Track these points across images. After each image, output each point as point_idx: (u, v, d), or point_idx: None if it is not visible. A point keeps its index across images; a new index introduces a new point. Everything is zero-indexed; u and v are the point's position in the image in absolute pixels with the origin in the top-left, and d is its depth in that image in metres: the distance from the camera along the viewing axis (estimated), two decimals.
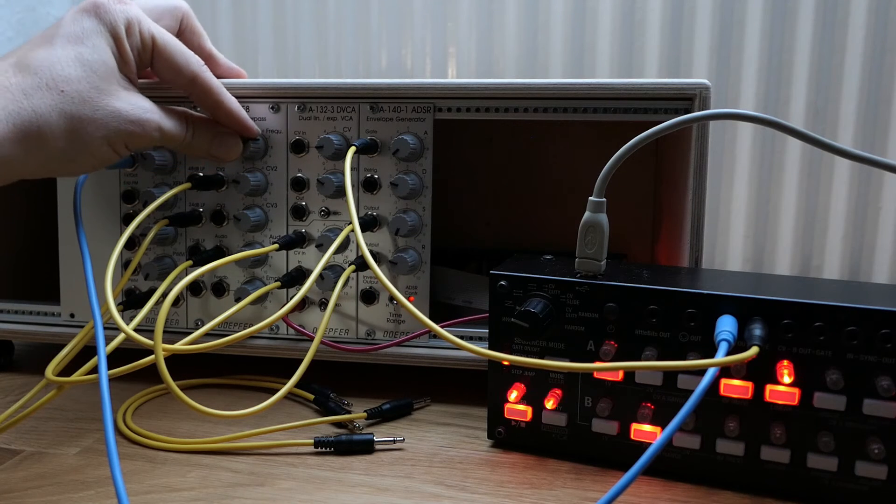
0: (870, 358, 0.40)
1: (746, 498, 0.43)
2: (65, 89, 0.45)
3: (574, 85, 0.52)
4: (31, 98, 0.44)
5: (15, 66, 0.45)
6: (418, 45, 0.91)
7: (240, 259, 0.54)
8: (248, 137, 0.55)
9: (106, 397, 0.40)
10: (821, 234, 0.86)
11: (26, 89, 0.44)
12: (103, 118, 0.46)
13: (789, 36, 0.83)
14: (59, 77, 0.45)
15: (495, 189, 0.75)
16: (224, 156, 0.54)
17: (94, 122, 0.46)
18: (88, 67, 0.46)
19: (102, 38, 0.48)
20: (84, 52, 0.46)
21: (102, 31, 0.48)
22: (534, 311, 0.45)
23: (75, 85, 0.45)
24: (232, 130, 0.54)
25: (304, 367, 0.49)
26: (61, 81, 0.45)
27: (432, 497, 0.43)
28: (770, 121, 0.43)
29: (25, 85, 0.44)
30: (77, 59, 0.46)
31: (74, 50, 0.46)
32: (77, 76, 0.46)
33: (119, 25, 0.48)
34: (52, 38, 0.47)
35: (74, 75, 0.46)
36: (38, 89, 0.44)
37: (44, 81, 0.45)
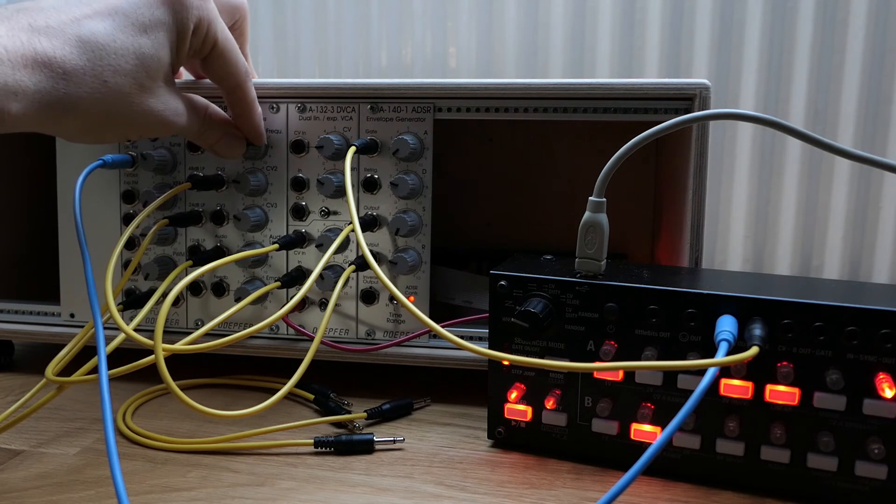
0: (870, 358, 0.40)
1: (746, 498, 0.43)
2: (109, 81, 0.42)
3: (574, 85, 0.52)
4: (71, 82, 0.41)
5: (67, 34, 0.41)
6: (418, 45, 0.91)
7: (240, 259, 0.54)
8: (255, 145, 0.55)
9: (106, 397, 0.40)
10: (821, 234, 0.86)
11: (69, 72, 0.40)
12: (136, 116, 0.44)
13: (789, 36, 0.83)
14: (109, 68, 0.42)
15: (495, 189, 0.75)
16: (225, 154, 0.54)
17: (126, 117, 0.44)
18: (141, 63, 0.43)
19: (168, 33, 0.45)
20: (144, 46, 0.43)
21: (171, 27, 0.45)
22: (534, 311, 0.45)
23: (121, 79, 0.43)
24: (242, 135, 0.54)
25: (304, 367, 0.49)
26: (109, 73, 0.42)
27: (432, 497, 0.43)
28: (770, 121, 0.43)
29: (70, 66, 0.40)
30: (135, 52, 0.43)
31: (136, 40, 0.43)
32: (127, 70, 0.43)
33: (190, 24, 0.45)
34: (117, 12, 0.43)
35: (124, 68, 0.43)
36: (83, 75, 0.41)
37: (90, 67, 0.41)
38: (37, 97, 0.39)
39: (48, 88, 0.40)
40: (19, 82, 0.38)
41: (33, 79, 0.39)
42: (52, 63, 0.40)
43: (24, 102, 0.39)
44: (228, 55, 0.49)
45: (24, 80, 0.39)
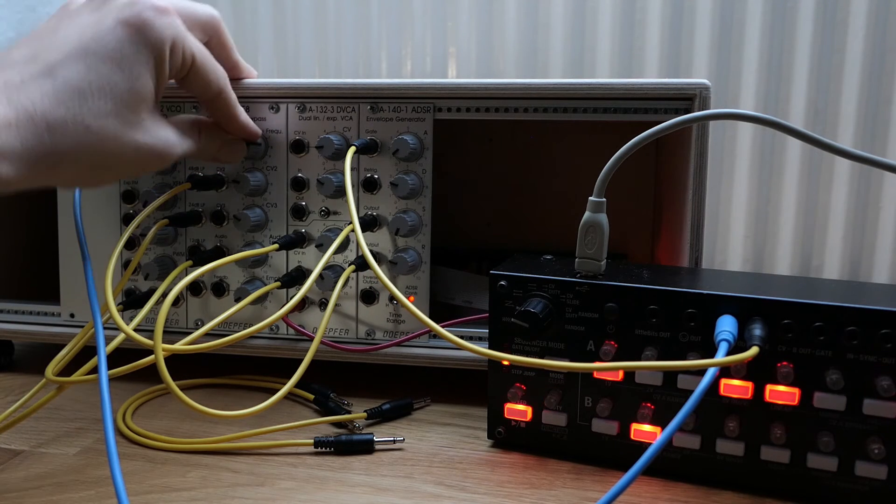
0: (870, 358, 0.40)
1: (746, 498, 0.43)
2: (91, 125, 0.41)
3: (574, 85, 0.52)
4: (56, 134, 0.39)
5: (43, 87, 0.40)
6: (418, 45, 0.91)
7: (240, 259, 0.54)
8: (251, 142, 0.55)
9: (106, 397, 0.40)
10: (821, 234, 0.86)
11: (51, 124, 0.39)
12: (128, 154, 0.43)
13: (789, 36, 0.83)
14: (89, 112, 0.40)
15: (495, 189, 0.75)
16: (229, 160, 0.54)
17: (118, 158, 0.43)
18: (120, 99, 0.42)
19: (143, 64, 0.43)
20: (120, 82, 0.42)
21: (145, 56, 0.43)
22: (534, 311, 0.45)
23: (102, 120, 0.41)
24: (237, 137, 0.54)
25: (304, 367, 0.49)
26: (89, 116, 0.41)
27: (432, 497, 0.43)
28: (770, 121, 0.43)
29: (52, 118, 0.39)
30: (112, 90, 0.41)
31: (111, 78, 0.41)
32: (107, 110, 0.41)
33: (165, 48, 0.44)
34: (86, 53, 0.41)
35: (104, 109, 0.41)
36: (66, 125, 0.40)
37: (71, 115, 0.40)
38: (25, 155, 0.38)
39: (35, 145, 0.39)
40: (5, 144, 0.37)
41: (19, 137, 0.38)
42: (34, 118, 0.39)
43: (14, 163, 0.38)
44: (206, 67, 0.48)
45: (11, 140, 0.38)
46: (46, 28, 0.43)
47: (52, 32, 0.42)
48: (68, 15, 0.44)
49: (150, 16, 0.43)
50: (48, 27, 0.43)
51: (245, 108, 0.56)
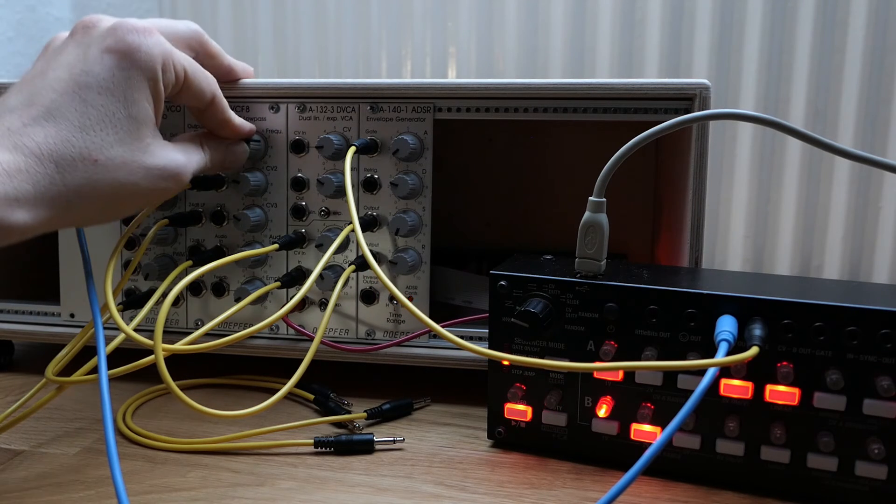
0: (870, 358, 0.40)
1: (746, 498, 0.43)
2: (99, 158, 0.40)
3: (574, 85, 0.52)
4: (65, 172, 0.39)
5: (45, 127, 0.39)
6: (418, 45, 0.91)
7: (240, 259, 0.54)
8: (249, 139, 0.55)
9: (106, 397, 0.40)
10: (821, 234, 0.86)
11: (59, 162, 0.39)
12: (140, 182, 0.43)
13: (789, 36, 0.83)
14: (94, 145, 0.40)
15: (495, 189, 0.75)
16: (236, 165, 0.54)
17: (131, 187, 0.42)
18: (122, 127, 0.42)
19: (138, 89, 0.43)
20: (118, 111, 0.42)
21: (137, 81, 0.43)
22: (534, 311, 0.45)
23: (108, 151, 0.41)
24: (235, 139, 0.54)
25: (304, 367, 0.49)
26: (95, 150, 0.40)
27: (432, 497, 0.43)
28: (770, 121, 0.43)
29: (58, 156, 0.39)
30: (111, 119, 0.41)
31: (108, 108, 0.41)
32: (111, 140, 0.41)
33: (156, 69, 0.43)
34: (80, 87, 0.41)
35: (108, 140, 0.41)
36: (73, 161, 0.40)
37: (77, 151, 0.40)
38: (39, 199, 0.38)
39: (47, 187, 0.39)
40: (18, 190, 0.37)
41: (30, 182, 0.38)
42: (43, 160, 0.39)
43: (30, 209, 0.38)
44: (198, 78, 0.48)
45: (24, 185, 0.38)
46: (36, 71, 0.43)
47: (42, 74, 0.42)
48: (54, 54, 0.44)
49: (134, 39, 0.43)
50: (37, 70, 0.43)
51: (245, 108, 0.56)
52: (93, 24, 0.44)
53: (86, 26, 0.44)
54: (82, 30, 0.44)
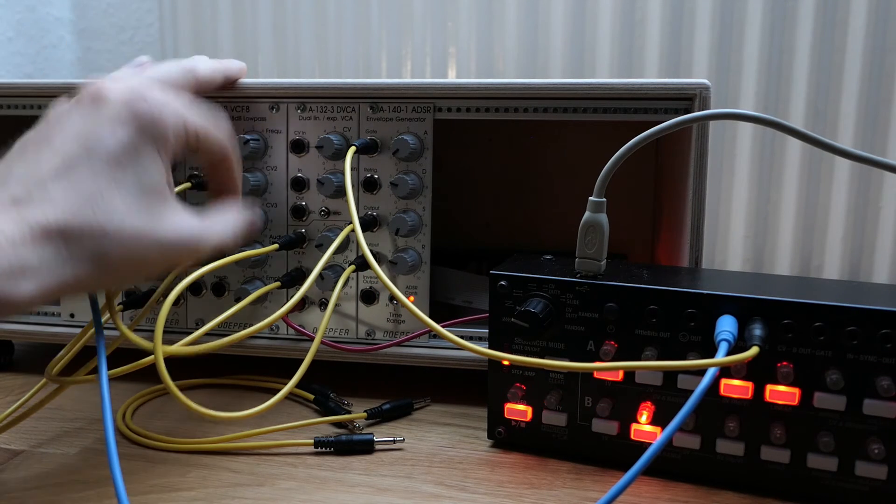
0: (870, 358, 0.40)
1: (746, 498, 0.43)
2: (108, 228, 0.38)
3: (574, 85, 0.52)
4: (72, 243, 0.37)
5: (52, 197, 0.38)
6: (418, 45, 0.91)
7: (240, 259, 0.54)
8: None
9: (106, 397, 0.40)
10: (821, 234, 0.86)
11: (66, 233, 0.37)
12: (151, 251, 0.41)
13: (789, 36, 0.83)
14: (103, 215, 0.38)
15: (495, 189, 0.75)
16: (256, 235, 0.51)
17: (141, 257, 0.40)
18: (134, 198, 0.40)
19: (151, 158, 0.41)
20: (130, 178, 0.40)
21: (151, 150, 0.41)
22: (534, 311, 0.45)
23: (119, 223, 0.39)
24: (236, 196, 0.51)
25: (304, 368, 0.49)
26: (104, 220, 0.38)
27: (432, 497, 0.43)
28: (770, 121, 0.43)
29: (65, 227, 0.37)
30: (123, 189, 0.40)
31: (117, 175, 0.40)
32: (122, 211, 0.39)
33: (168, 137, 0.42)
34: (90, 157, 0.39)
35: (119, 210, 0.39)
36: (80, 232, 0.38)
37: (86, 222, 0.38)
38: (46, 271, 0.37)
39: (53, 258, 0.37)
40: (24, 262, 0.36)
41: (37, 253, 0.37)
42: (50, 232, 0.37)
43: (34, 280, 0.36)
44: (210, 139, 0.46)
45: (30, 257, 0.36)
46: (40, 138, 0.42)
47: (47, 142, 0.41)
48: (59, 121, 0.42)
49: (147, 109, 0.41)
50: (42, 136, 0.42)
51: (245, 107, 0.56)
52: (102, 93, 0.42)
53: (95, 95, 0.42)
54: (91, 99, 0.42)
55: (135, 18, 1.03)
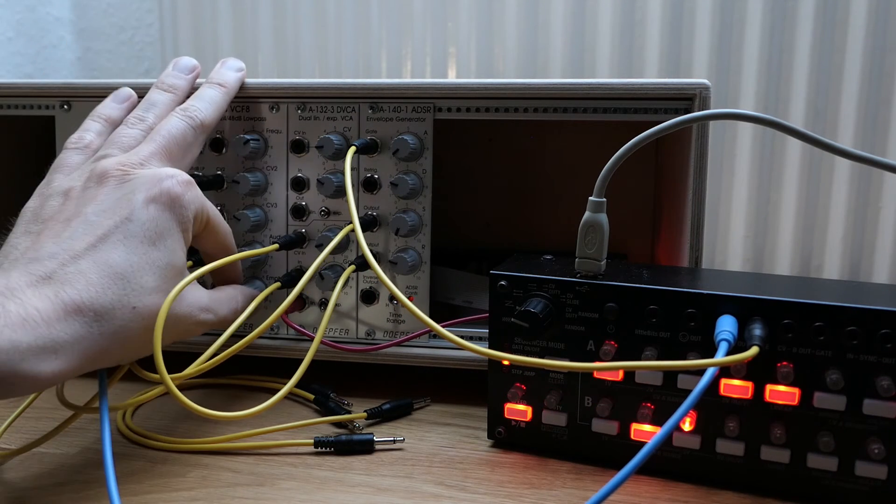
0: (870, 358, 0.40)
1: (746, 498, 0.43)
2: (137, 306, 0.41)
3: (574, 85, 0.52)
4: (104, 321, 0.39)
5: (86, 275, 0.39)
6: (418, 45, 0.91)
7: (240, 259, 0.54)
8: None
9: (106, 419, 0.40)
10: (821, 234, 0.86)
11: (99, 311, 0.39)
12: (170, 327, 0.43)
13: (789, 36, 0.83)
14: (134, 293, 0.41)
15: (495, 189, 0.75)
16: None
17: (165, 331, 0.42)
18: (161, 275, 0.42)
19: (177, 238, 0.44)
20: (159, 259, 0.42)
21: (176, 228, 0.44)
22: (534, 311, 0.45)
23: (146, 298, 0.41)
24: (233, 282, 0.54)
25: (304, 367, 0.49)
26: (134, 297, 0.41)
27: (432, 497, 0.43)
28: (770, 121, 0.43)
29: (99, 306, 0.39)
30: (151, 267, 0.42)
31: (150, 256, 0.42)
32: (151, 288, 0.42)
33: (191, 218, 0.45)
34: (124, 235, 0.41)
35: (148, 287, 0.41)
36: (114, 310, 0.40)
37: (117, 299, 0.40)
38: (76, 347, 0.38)
39: (83, 334, 0.39)
40: (56, 339, 0.37)
41: (69, 330, 0.38)
42: (83, 308, 0.39)
43: (65, 357, 0.38)
44: (221, 229, 0.49)
45: (61, 333, 0.37)
46: (67, 211, 0.43)
47: (77, 216, 0.42)
48: (84, 196, 0.44)
49: (180, 192, 0.44)
50: (70, 211, 0.43)
51: (245, 108, 0.56)
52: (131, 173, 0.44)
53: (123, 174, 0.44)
54: (121, 177, 0.44)
55: (135, 18, 1.03)
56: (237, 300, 0.51)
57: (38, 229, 0.43)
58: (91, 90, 0.58)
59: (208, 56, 0.95)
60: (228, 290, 0.51)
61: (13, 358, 0.35)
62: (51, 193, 0.46)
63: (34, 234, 0.43)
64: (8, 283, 0.38)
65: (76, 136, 0.50)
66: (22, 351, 0.36)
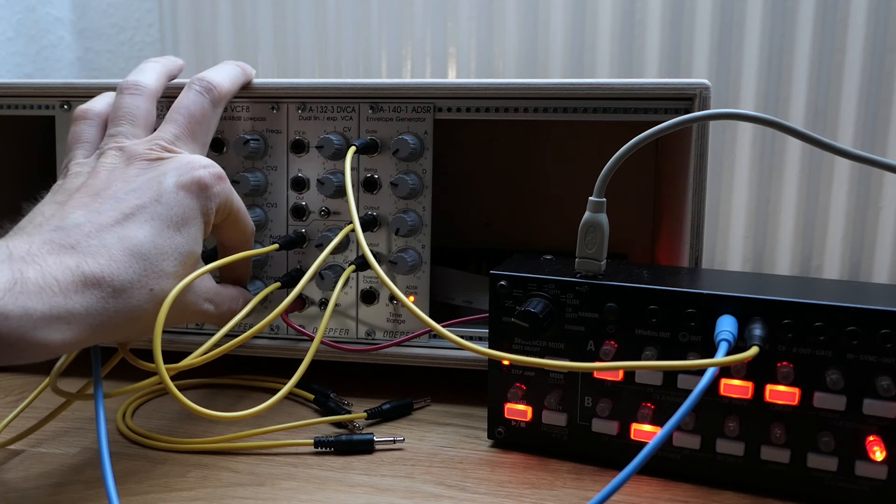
0: (870, 358, 0.40)
1: (746, 498, 0.43)
2: (154, 288, 0.41)
3: (574, 85, 0.52)
4: (121, 298, 0.39)
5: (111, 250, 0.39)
6: (418, 45, 0.91)
7: (240, 259, 0.54)
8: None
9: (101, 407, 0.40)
10: (821, 234, 0.86)
11: (118, 288, 0.39)
12: (177, 313, 0.43)
13: (789, 36, 0.83)
14: (153, 275, 0.41)
15: (495, 189, 0.75)
16: None
17: (171, 318, 0.42)
18: (181, 261, 0.43)
19: (199, 225, 0.44)
20: (182, 245, 0.43)
21: (199, 218, 0.44)
22: (534, 311, 0.45)
23: (165, 282, 0.41)
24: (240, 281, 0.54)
25: (304, 367, 0.49)
26: (153, 280, 0.41)
27: (432, 497, 0.43)
28: (770, 121, 0.43)
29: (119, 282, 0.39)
30: (173, 251, 0.42)
31: (174, 240, 0.42)
32: (170, 272, 0.42)
33: (214, 209, 0.45)
34: (151, 216, 0.41)
35: (167, 271, 0.41)
36: (132, 288, 0.39)
37: (137, 278, 0.40)
38: (88, 319, 0.38)
39: (98, 308, 0.38)
40: (70, 309, 0.37)
41: (84, 302, 0.38)
42: (102, 282, 0.38)
43: (75, 327, 0.37)
44: (242, 220, 0.49)
45: (76, 304, 0.37)
46: (96, 186, 0.43)
47: (106, 190, 0.42)
48: (113, 174, 0.44)
49: (210, 182, 0.45)
50: (98, 185, 0.43)
51: (245, 108, 0.56)
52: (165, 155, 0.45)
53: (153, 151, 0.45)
54: (154, 159, 0.44)
55: (135, 18, 1.03)
56: (239, 302, 0.51)
57: (63, 199, 0.43)
58: (91, 90, 0.57)
59: (208, 56, 0.95)
60: (233, 290, 0.51)
61: (25, 325, 0.35)
62: (76, 168, 0.46)
63: (60, 203, 0.43)
64: (30, 249, 0.38)
65: (83, 107, 0.50)
66: (35, 319, 0.35)
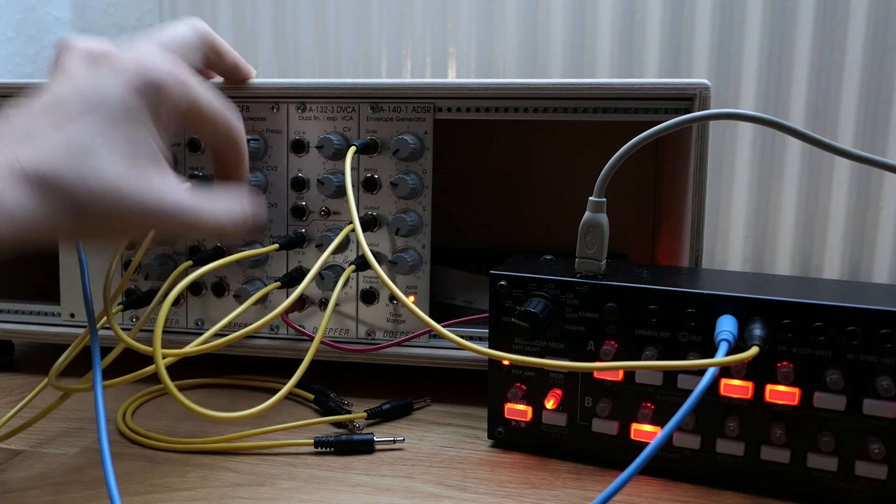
0: (870, 358, 0.40)
1: (746, 498, 0.43)
2: (92, 185, 0.38)
3: (574, 85, 0.52)
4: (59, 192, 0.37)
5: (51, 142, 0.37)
6: (418, 45, 0.91)
7: (240, 259, 0.54)
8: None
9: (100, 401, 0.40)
10: (821, 234, 0.86)
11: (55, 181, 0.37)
12: (133, 213, 0.40)
13: (789, 36, 0.83)
14: (88, 171, 0.38)
15: (495, 189, 0.75)
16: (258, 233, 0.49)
17: (122, 218, 0.39)
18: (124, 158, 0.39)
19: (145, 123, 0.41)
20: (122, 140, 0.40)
21: (147, 114, 0.41)
22: (534, 311, 0.45)
23: (103, 179, 0.39)
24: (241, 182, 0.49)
25: (304, 367, 0.49)
26: (89, 175, 0.38)
27: (432, 497, 0.43)
28: (770, 121, 0.43)
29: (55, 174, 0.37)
30: (115, 148, 0.39)
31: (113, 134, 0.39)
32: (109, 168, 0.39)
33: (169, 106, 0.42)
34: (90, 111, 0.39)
35: (106, 167, 0.39)
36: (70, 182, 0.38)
37: (76, 172, 0.38)
38: (19, 213, 0.36)
39: (29, 202, 0.36)
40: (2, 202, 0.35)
41: (17, 195, 0.36)
42: (38, 174, 0.36)
43: (9, 223, 0.36)
44: (217, 114, 0.45)
45: (8, 198, 0.35)
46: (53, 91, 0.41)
47: (47, 88, 0.41)
48: (62, 73, 0.42)
49: (152, 76, 0.41)
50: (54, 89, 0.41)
51: (245, 108, 0.56)
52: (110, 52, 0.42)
53: (103, 54, 0.42)
54: (99, 55, 0.42)
55: (135, 18, 1.03)
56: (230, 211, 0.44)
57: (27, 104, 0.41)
58: None
59: None
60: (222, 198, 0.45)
61: None
62: None
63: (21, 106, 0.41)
64: None
65: None
66: None
